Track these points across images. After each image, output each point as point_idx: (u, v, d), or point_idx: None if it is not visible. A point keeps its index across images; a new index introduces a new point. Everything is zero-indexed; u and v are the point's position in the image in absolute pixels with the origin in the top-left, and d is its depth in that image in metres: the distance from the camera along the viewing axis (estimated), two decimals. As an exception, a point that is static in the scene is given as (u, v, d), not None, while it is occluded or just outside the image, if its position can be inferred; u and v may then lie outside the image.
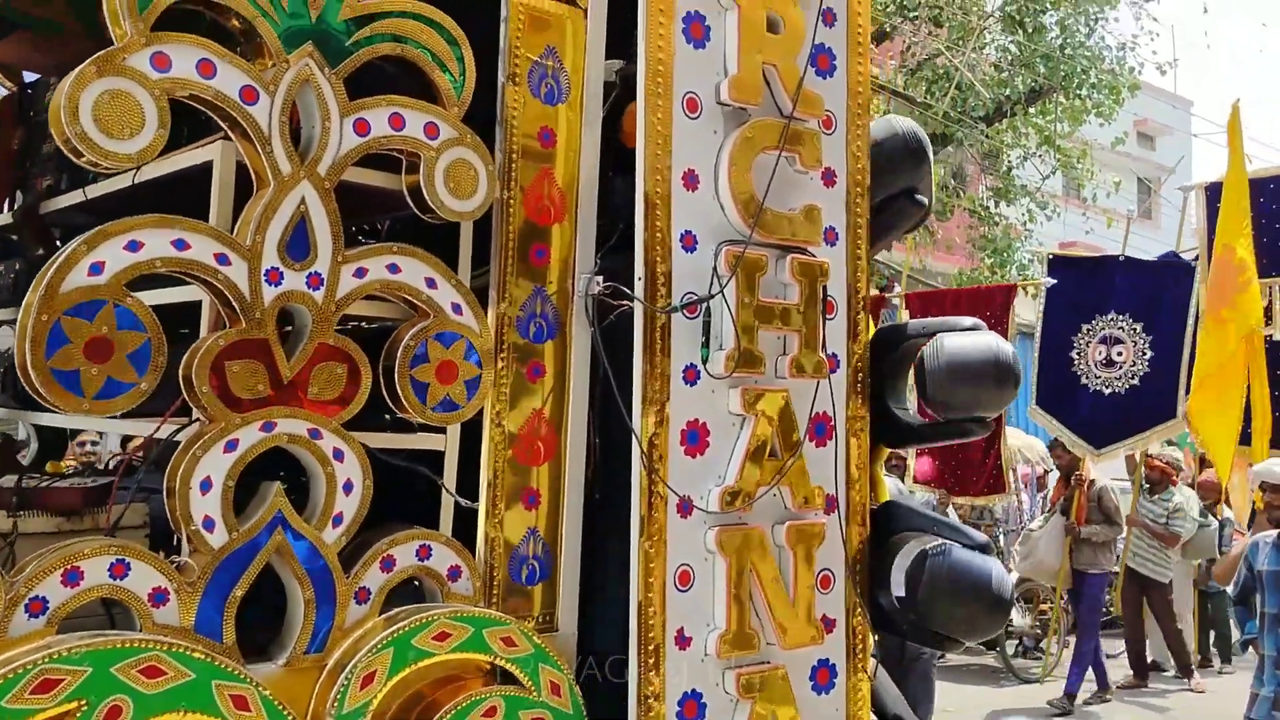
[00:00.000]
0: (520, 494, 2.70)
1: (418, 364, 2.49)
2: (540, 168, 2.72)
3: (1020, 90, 16.49)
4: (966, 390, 3.10)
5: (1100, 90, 16.66)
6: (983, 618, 3.05)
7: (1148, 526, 8.41)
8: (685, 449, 2.80)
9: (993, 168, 19.17)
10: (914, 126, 3.31)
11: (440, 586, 2.57)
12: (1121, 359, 7.67)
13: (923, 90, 16.64)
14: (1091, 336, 7.78)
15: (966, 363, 3.08)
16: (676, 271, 2.79)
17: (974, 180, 20.52)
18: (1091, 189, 18.24)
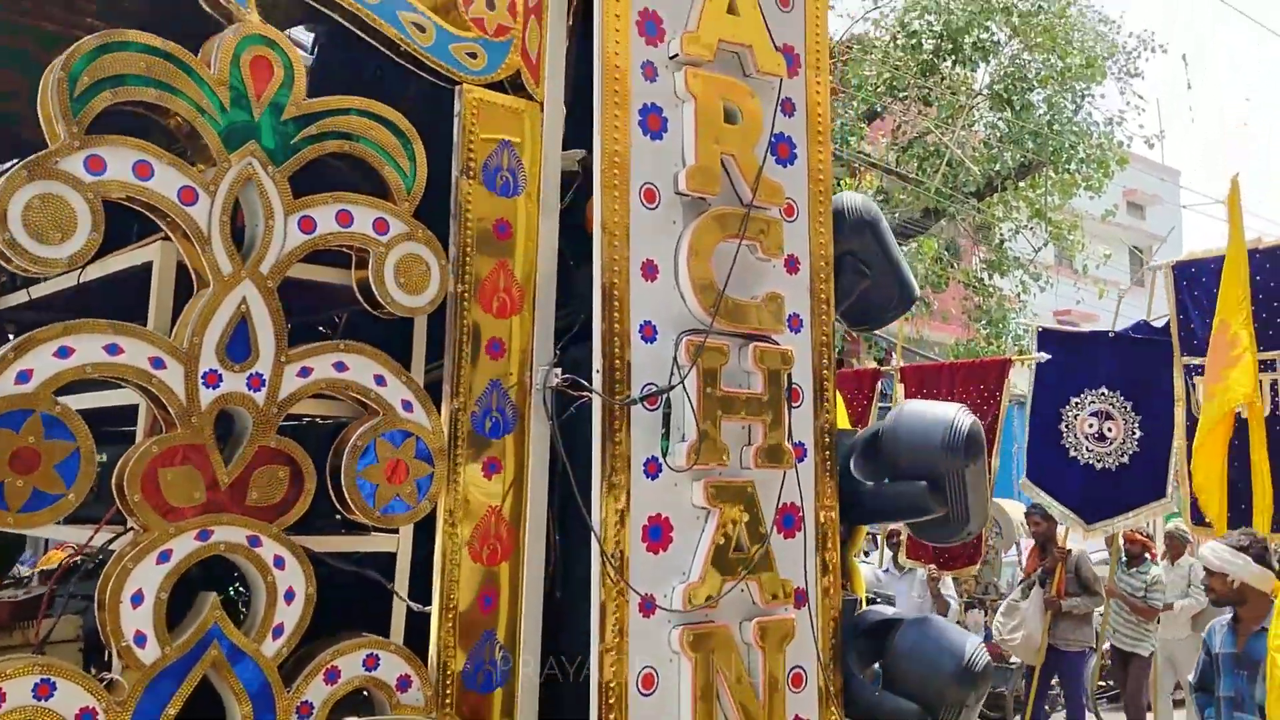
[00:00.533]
0: (476, 596, 2.61)
1: (365, 464, 2.42)
2: (496, 260, 2.68)
3: (1010, 165, 16.65)
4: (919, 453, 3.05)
5: (1089, 164, 16.82)
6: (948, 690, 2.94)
7: (1126, 599, 8.22)
8: (647, 545, 2.71)
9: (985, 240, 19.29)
10: (857, 201, 3.27)
11: (389, 697, 2.47)
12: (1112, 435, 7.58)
13: (915, 167, 16.80)
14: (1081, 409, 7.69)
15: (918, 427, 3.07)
16: (636, 362, 2.73)
17: (967, 252, 20.64)
18: (1083, 260, 18.32)
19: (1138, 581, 8.35)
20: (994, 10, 15.04)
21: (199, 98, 2.17)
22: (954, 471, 3.05)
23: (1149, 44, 17.51)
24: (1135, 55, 17.43)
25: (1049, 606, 7.92)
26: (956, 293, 19.20)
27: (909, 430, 3.12)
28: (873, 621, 3.14)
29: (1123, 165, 16.92)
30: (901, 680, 3.02)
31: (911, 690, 2.99)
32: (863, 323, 3.48)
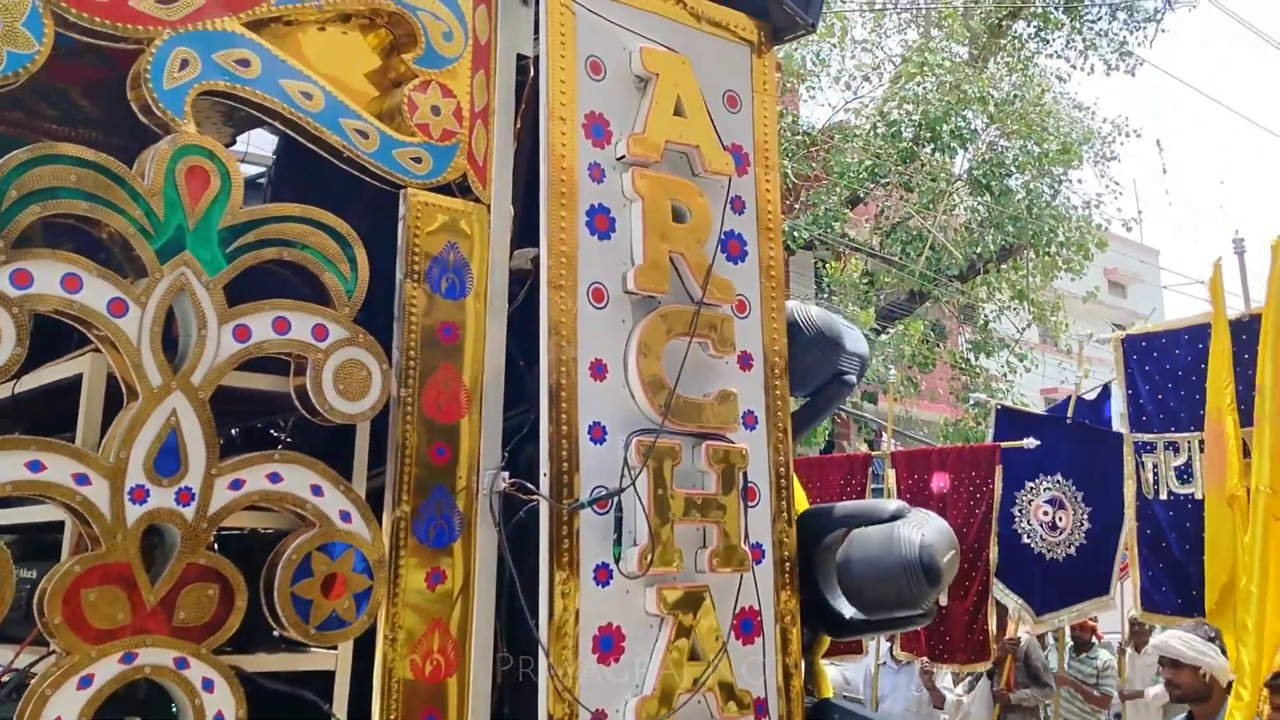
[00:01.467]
0: (419, 715, 2.52)
1: (300, 579, 2.35)
2: (442, 363, 2.64)
3: (991, 249, 16.82)
4: (879, 590, 2.99)
5: (1069, 247, 17.01)
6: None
7: (1079, 687, 7.99)
8: (598, 657, 2.63)
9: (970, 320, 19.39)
10: (814, 316, 3.28)
11: (327, 823, 2.36)
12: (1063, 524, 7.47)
13: (898, 251, 16.97)
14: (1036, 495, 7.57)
15: (875, 563, 2.99)
16: (585, 465, 2.68)
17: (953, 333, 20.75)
18: (1067, 339, 18.42)
19: (1088, 668, 8.12)
20: (970, 100, 15.32)
21: (131, 209, 2.15)
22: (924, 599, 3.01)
23: (1123, 129, 17.83)
24: (1110, 140, 17.74)
25: (998, 700, 7.71)
26: (944, 372, 19.25)
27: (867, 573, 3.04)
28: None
29: (1102, 248, 17.11)
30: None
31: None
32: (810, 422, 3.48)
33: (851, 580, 2.99)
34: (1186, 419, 5.30)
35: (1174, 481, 5.42)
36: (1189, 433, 5.30)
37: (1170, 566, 5.52)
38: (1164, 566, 5.35)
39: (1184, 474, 5.45)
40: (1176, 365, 5.48)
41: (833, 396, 3.35)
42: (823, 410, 3.41)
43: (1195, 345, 5.44)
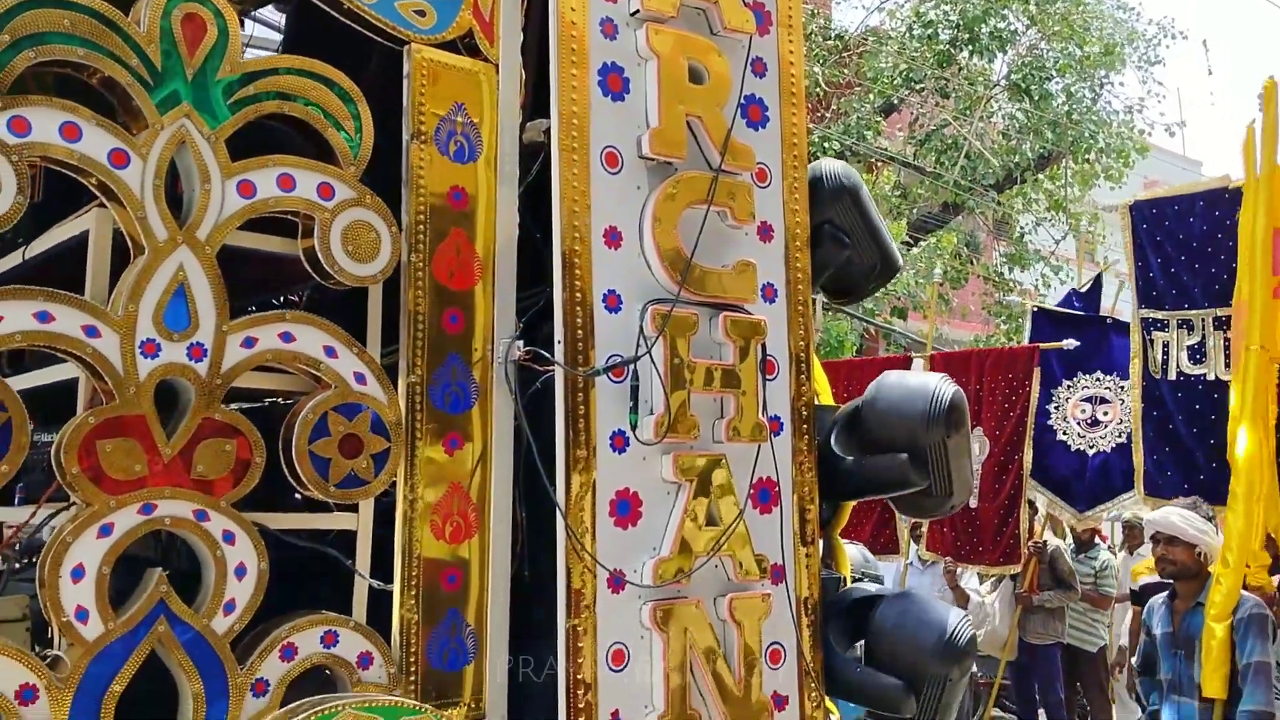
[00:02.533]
0: (439, 574, 2.54)
1: (318, 438, 2.36)
2: (453, 229, 2.61)
3: (1029, 157, 16.46)
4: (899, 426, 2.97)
5: (1109, 154, 16.62)
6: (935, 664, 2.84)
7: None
8: (615, 520, 2.64)
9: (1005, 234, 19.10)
10: (836, 168, 3.17)
11: (349, 675, 2.40)
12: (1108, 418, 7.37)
13: (932, 160, 16.66)
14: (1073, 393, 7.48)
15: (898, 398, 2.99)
16: (600, 333, 2.66)
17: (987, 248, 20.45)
18: (1104, 251, 18.10)
19: (1087, 568, 8.06)
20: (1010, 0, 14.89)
21: (128, 57, 2.12)
22: (936, 443, 2.96)
23: (1168, 31, 17.26)
24: (1155, 42, 17.19)
25: (1020, 601, 7.70)
26: (976, 288, 19.02)
27: (889, 402, 3.03)
28: (855, 599, 3.05)
29: (1143, 154, 16.70)
30: (884, 657, 2.93)
31: (894, 666, 2.90)
32: (843, 294, 3.38)
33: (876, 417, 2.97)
34: (1201, 294, 5.01)
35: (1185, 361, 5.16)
36: (1204, 309, 5.03)
37: (1177, 449, 5.34)
38: (1170, 449, 5.16)
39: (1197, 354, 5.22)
40: (1191, 235, 5.14)
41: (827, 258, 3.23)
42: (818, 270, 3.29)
43: (1212, 213, 5.12)
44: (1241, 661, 4.01)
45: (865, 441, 3.08)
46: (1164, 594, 4.45)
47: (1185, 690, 4.16)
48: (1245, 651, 4.00)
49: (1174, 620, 4.27)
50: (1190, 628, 4.18)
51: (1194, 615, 4.18)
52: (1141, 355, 5.41)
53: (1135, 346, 5.45)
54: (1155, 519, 4.35)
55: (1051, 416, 7.53)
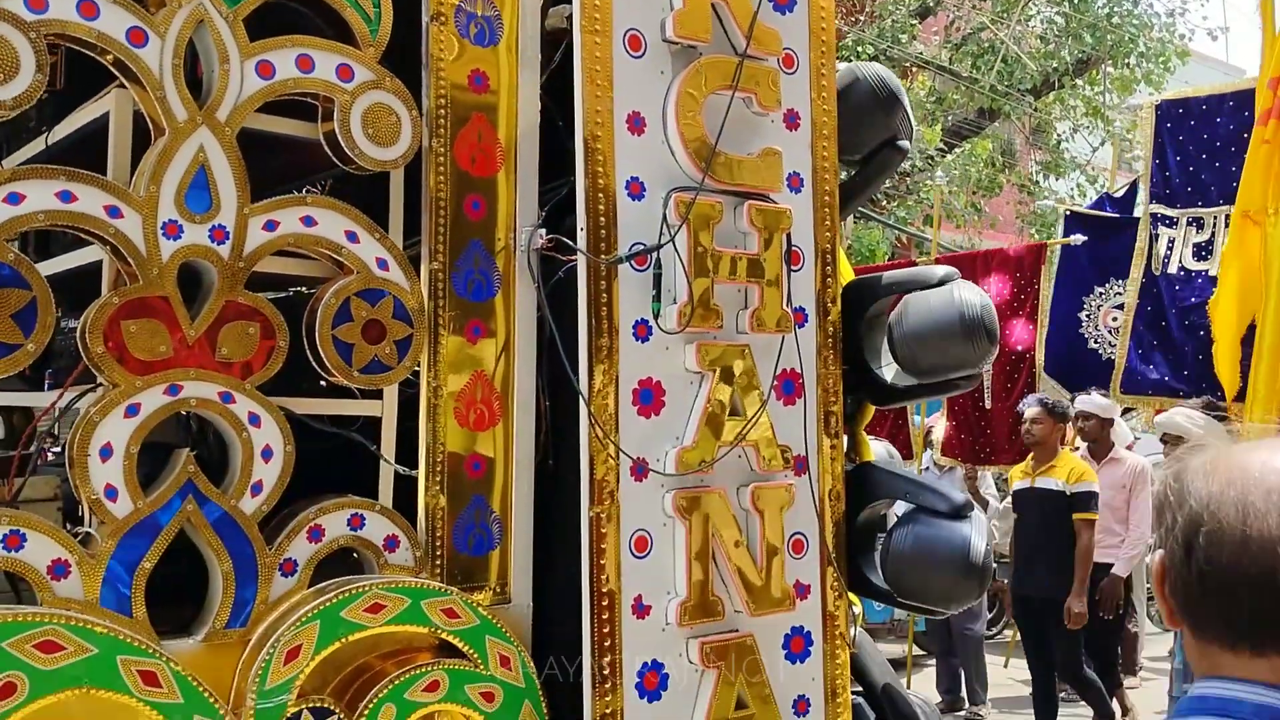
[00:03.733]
0: (463, 460, 2.57)
1: (341, 323, 2.37)
2: (474, 114, 2.58)
3: (1067, 61, 16.06)
4: (935, 351, 2.94)
5: (1149, 59, 16.18)
6: (954, 587, 2.86)
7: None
8: (638, 409, 2.64)
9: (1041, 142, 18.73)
10: (879, 70, 3.11)
11: (376, 557, 2.44)
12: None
13: (968, 65, 16.29)
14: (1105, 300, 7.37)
15: (931, 323, 2.92)
16: (623, 221, 2.63)
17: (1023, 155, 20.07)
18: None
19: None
20: (1051, -104, 14.39)
21: (140, -69, 2.09)
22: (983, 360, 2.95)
23: (1214, -72, 16.65)
24: (1199, -58, 16.61)
25: None
26: (1010, 196, 18.72)
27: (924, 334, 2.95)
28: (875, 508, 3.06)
29: (1184, 59, 16.23)
30: (905, 582, 2.92)
31: (916, 591, 2.91)
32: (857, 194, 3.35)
33: (909, 343, 2.94)
34: (1216, 193, 4.94)
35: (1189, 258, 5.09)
36: (1217, 206, 4.96)
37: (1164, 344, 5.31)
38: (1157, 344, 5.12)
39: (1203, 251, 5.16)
40: (1215, 135, 5.06)
41: (885, 163, 3.22)
42: (874, 179, 3.29)
43: (1240, 113, 5.01)
44: None
45: (907, 365, 3.04)
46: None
47: None
48: None
49: None
50: None
51: None
52: (1145, 252, 5.36)
53: (1140, 243, 5.40)
54: (1162, 420, 4.37)
55: (1084, 325, 7.44)
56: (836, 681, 2.88)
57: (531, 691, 2.53)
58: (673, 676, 2.63)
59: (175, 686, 2.12)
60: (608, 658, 2.54)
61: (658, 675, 2.61)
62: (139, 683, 2.08)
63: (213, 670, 2.21)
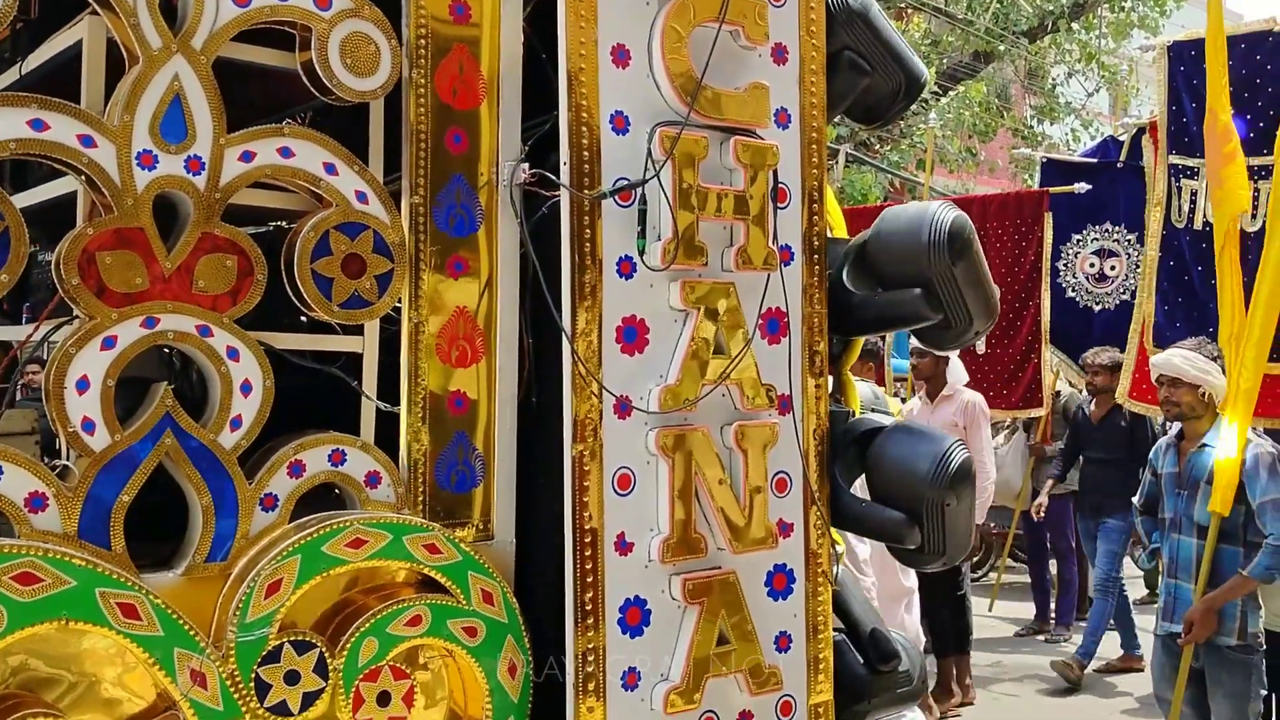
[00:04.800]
0: (445, 397, 2.55)
1: (320, 257, 2.34)
2: (455, 45, 2.53)
3: (1063, 4, 15.91)
4: (904, 258, 2.91)
5: (1145, 2, 16.05)
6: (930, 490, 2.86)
7: None
8: (622, 346, 2.63)
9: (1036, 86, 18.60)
10: None
11: (358, 493, 2.44)
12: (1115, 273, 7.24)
13: (964, 7, 16.13)
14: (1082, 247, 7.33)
15: (899, 229, 2.92)
16: (607, 156, 2.60)
17: (1018, 101, 19.95)
18: (1138, 106, 17.61)
19: None
20: None
21: None
22: (943, 273, 2.90)
23: None
24: (1201, -119, 16.36)
25: (1033, 453, 7.73)
26: (1005, 141, 18.63)
27: (891, 235, 2.96)
28: (859, 433, 3.05)
29: (1179, 3, 16.07)
30: (883, 488, 2.94)
31: (892, 497, 2.92)
32: (871, 119, 3.27)
33: (878, 249, 2.93)
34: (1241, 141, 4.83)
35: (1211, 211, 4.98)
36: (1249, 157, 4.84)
37: (1190, 300, 5.24)
38: (1183, 300, 5.04)
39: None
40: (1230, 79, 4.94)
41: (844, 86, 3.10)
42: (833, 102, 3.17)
43: (1253, 56, 4.89)
44: (1256, 500, 4.02)
45: (874, 276, 3.03)
46: (1172, 434, 4.45)
47: (1185, 529, 4.20)
48: (1259, 491, 4.01)
49: (1180, 460, 4.28)
50: (1195, 469, 4.18)
51: (1199, 456, 4.18)
52: (1164, 204, 5.23)
53: (1159, 194, 5.25)
54: (1158, 362, 4.33)
55: (1061, 274, 7.43)
56: (818, 618, 2.91)
57: (514, 626, 2.54)
58: (655, 613, 2.64)
59: (155, 619, 2.12)
60: (590, 594, 2.55)
61: (640, 611, 2.63)
62: (118, 615, 2.08)
63: (193, 604, 2.21)
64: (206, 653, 2.17)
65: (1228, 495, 3.99)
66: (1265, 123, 4.91)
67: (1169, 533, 4.28)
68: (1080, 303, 7.42)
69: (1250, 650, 4.06)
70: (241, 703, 2.20)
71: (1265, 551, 3.94)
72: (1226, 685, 4.08)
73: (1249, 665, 4.07)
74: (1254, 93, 4.97)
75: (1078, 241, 7.38)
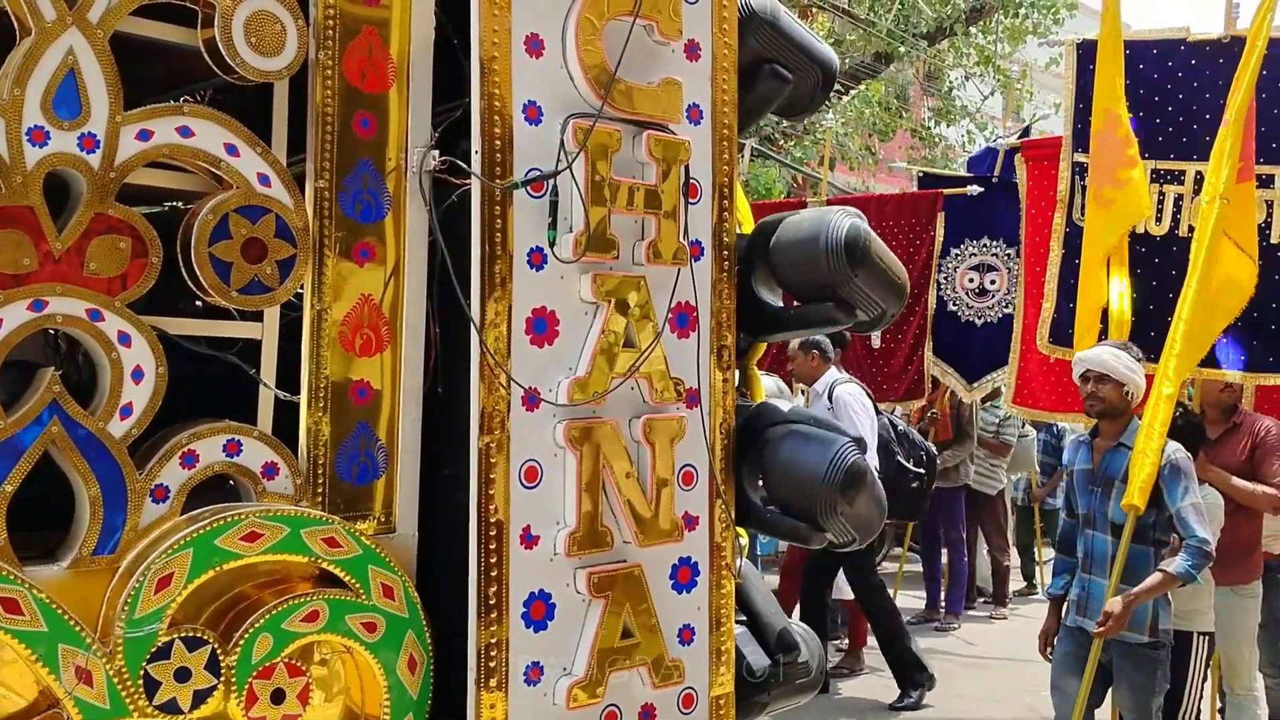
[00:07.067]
0: (348, 386, 2.50)
1: (218, 240, 2.26)
2: (364, 27, 2.47)
3: (961, 8, 16.28)
4: (805, 269, 2.93)
5: (1039, 9, 16.51)
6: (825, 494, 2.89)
7: (980, 437, 8.27)
8: (532, 338, 2.61)
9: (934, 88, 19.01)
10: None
11: (253, 484, 2.37)
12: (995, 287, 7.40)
13: (866, 8, 16.39)
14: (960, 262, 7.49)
15: (799, 240, 2.94)
16: (519, 146, 2.57)
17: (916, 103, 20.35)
18: (1031, 110, 18.13)
19: (991, 416, 8.40)
20: None
21: None
22: (846, 282, 2.93)
23: (1109, -116, 16.93)
24: (1094, -104, 16.90)
25: None
26: (904, 141, 19.01)
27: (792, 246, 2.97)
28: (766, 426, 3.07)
29: (1072, 11, 16.59)
30: (779, 490, 2.96)
31: (789, 499, 2.95)
32: (794, 113, 3.30)
33: (780, 257, 2.95)
34: (1142, 143, 4.85)
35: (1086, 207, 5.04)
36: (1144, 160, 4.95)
37: None
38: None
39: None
40: (1138, 83, 4.98)
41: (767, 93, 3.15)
42: (756, 108, 3.20)
43: (1165, 62, 5.00)
44: (1175, 505, 4.11)
45: (782, 285, 3.05)
46: (1087, 432, 4.54)
47: (1099, 526, 4.28)
48: (1178, 496, 4.11)
49: (1094, 458, 4.36)
50: (1110, 467, 4.27)
51: (1115, 454, 4.25)
52: (1067, 203, 5.29)
53: (1062, 192, 5.29)
54: (1087, 356, 4.34)
55: (942, 287, 7.58)
56: (721, 611, 2.93)
57: (415, 621, 2.51)
58: (560, 606, 2.63)
59: (39, 614, 2.04)
60: (494, 588, 2.53)
61: (544, 605, 2.61)
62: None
63: (79, 598, 2.13)
64: (93, 649, 2.09)
65: (1145, 492, 4.06)
66: (1174, 128, 5.00)
67: (1083, 528, 4.36)
68: (962, 317, 7.59)
69: (1158, 647, 4.16)
70: (129, 701, 2.13)
71: (1188, 552, 4.03)
72: (1132, 679, 4.19)
73: (1155, 661, 4.16)
74: (1164, 98, 5.04)
75: (956, 256, 7.54)
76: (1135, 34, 5.28)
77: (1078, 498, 4.41)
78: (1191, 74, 4.98)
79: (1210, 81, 4.79)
